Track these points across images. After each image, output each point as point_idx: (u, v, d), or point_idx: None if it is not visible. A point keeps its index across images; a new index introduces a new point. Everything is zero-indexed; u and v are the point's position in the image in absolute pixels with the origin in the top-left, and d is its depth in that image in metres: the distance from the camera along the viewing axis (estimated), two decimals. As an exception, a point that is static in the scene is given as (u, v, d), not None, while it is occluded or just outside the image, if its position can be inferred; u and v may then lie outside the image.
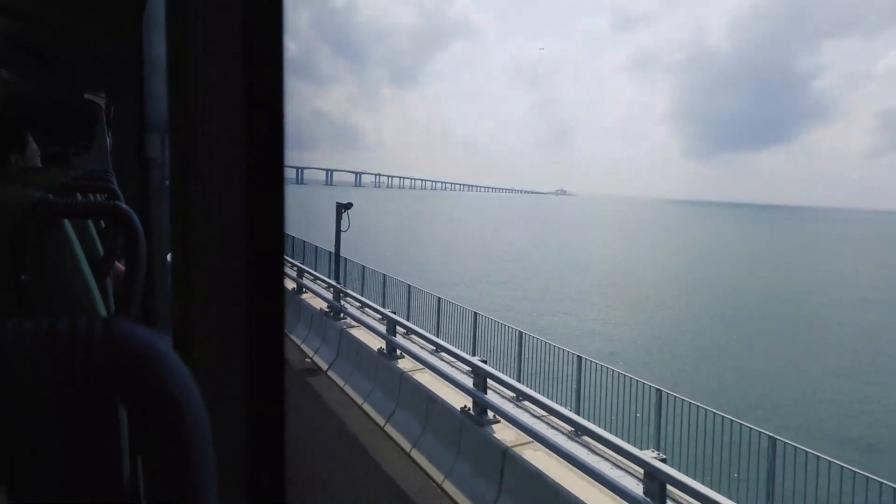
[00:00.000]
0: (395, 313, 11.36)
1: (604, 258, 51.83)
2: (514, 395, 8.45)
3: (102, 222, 1.90)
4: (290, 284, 16.23)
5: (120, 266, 1.77)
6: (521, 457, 7.27)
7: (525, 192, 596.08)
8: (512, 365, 9.64)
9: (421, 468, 8.46)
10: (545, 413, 7.85)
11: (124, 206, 1.30)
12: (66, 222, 1.20)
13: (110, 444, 0.38)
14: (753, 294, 37.39)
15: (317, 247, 17.63)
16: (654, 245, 67.50)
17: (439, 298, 12.01)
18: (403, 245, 51.47)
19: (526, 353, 9.48)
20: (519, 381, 8.79)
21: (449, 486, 7.92)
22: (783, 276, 46.55)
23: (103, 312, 1.36)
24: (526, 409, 8.25)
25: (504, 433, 7.80)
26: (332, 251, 15.55)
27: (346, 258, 15.42)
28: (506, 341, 10.10)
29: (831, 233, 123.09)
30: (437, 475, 8.19)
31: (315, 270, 16.64)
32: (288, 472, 0.74)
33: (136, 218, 1.27)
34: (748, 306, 33.25)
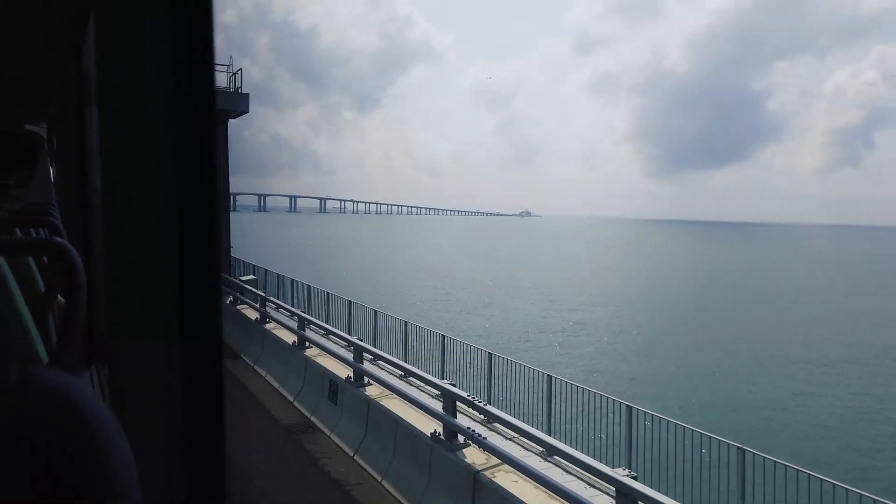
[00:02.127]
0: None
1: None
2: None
3: (45, 257, 1.82)
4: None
5: (63, 301, 1.70)
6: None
7: (490, 213, 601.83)
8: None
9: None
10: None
11: (62, 240, 1.26)
12: (1, 259, 1.16)
13: (28, 488, 0.39)
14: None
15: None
16: (616, 268, 69.17)
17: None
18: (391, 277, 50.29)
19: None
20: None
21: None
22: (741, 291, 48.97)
23: (41, 351, 1.33)
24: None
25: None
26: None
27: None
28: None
29: (779, 248, 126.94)
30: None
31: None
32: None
33: (74, 252, 1.23)
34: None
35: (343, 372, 10.80)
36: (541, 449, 7.42)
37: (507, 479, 7.06)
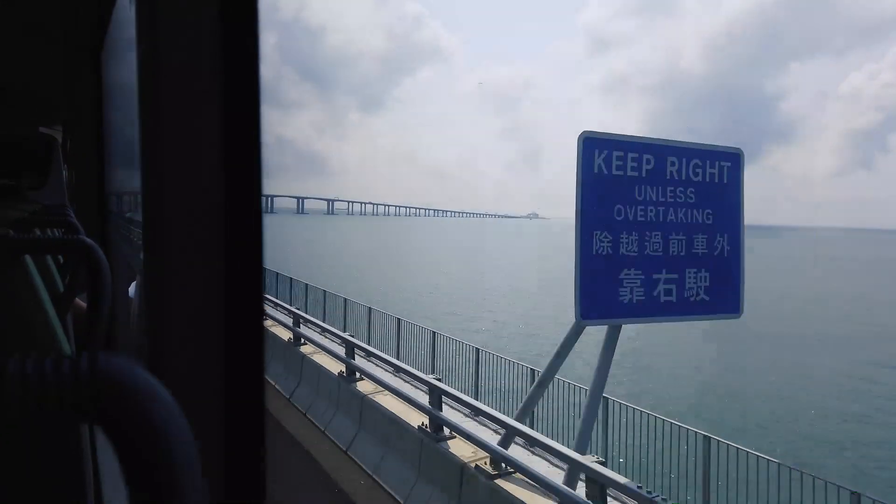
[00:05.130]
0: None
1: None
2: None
3: (60, 258, 1.83)
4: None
5: (79, 302, 1.73)
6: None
7: (499, 216, 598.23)
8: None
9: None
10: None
11: (89, 240, 1.27)
12: (28, 258, 1.18)
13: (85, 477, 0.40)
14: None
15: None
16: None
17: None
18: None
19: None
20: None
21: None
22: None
23: (68, 352, 1.28)
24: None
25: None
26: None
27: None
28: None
29: (807, 253, 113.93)
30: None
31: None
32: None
33: (101, 252, 1.24)
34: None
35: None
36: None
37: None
